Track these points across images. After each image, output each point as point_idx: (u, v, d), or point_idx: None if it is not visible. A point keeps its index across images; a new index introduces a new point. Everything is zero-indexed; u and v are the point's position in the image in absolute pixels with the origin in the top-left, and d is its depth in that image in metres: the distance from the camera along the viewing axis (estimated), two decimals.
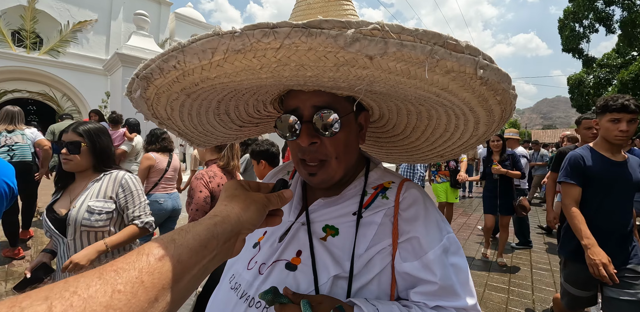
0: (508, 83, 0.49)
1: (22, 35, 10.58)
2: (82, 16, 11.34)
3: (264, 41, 0.40)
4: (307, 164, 0.70)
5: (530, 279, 3.82)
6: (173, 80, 0.52)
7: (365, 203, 0.72)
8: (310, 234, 0.70)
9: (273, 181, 0.93)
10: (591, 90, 18.83)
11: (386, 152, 1.00)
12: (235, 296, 0.68)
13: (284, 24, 0.39)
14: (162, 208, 3.23)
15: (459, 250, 0.67)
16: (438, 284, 0.60)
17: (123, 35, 11.87)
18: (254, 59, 0.44)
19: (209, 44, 0.43)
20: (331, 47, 0.41)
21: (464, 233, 5.56)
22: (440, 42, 0.41)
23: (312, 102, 0.66)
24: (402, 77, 0.47)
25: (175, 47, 0.46)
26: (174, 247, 0.38)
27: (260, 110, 0.86)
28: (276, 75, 0.49)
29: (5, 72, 9.81)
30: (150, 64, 0.51)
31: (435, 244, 0.64)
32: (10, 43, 10.08)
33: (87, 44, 11.57)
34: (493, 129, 0.65)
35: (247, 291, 0.67)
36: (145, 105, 0.63)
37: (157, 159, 3.29)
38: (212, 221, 0.44)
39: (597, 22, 18.13)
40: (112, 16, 11.95)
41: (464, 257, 0.67)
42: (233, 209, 0.48)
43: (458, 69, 0.44)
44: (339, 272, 0.63)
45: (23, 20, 10.38)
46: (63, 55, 10.89)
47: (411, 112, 0.74)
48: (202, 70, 0.48)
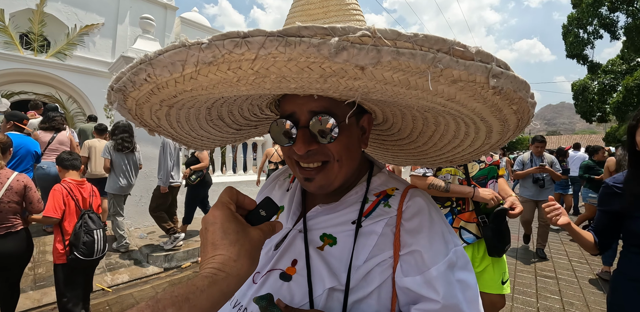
0: (526, 91, 0.44)
1: (30, 38, 10.71)
2: (89, 20, 11.46)
3: (236, 52, 0.36)
4: (304, 169, 0.65)
5: (535, 286, 3.76)
6: (149, 93, 0.48)
7: (366, 211, 0.68)
8: (307, 242, 0.67)
9: (273, 184, 0.91)
10: (596, 97, 18.73)
11: (392, 155, 0.95)
12: (229, 305, 0.66)
13: (256, 33, 0.35)
14: (46, 173, 4.34)
15: (467, 265, 0.62)
16: (441, 303, 0.56)
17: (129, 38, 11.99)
18: (229, 71, 0.39)
19: (177, 56, 0.39)
20: (314, 57, 0.36)
21: None
22: (444, 49, 0.36)
23: (309, 107, 0.61)
24: (401, 88, 0.42)
25: (143, 59, 0.42)
26: (188, 308, 0.38)
27: (257, 113, 0.81)
28: (256, 87, 0.44)
29: (13, 74, 9.93)
30: (121, 77, 0.47)
31: (439, 259, 0.59)
32: (18, 46, 10.21)
33: (93, 47, 11.69)
34: (508, 137, 0.59)
35: (240, 301, 0.65)
36: (130, 115, 0.59)
37: (40, 135, 4.58)
38: (225, 282, 0.43)
39: (601, 28, 18.09)
40: (118, 20, 12.07)
41: (472, 273, 0.62)
42: (243, 266, 0.46)
43: (467, 78, 0.39)
44: (334, 284, 0.60)
45: (31, 23, 10.51)
46: (70, 58, 11.00)
47: (417, 117, 0.69)
48: (176, 83, 0.44)
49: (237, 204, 0.55)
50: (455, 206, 2.10)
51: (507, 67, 0.40)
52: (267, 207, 0.55)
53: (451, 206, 2.11)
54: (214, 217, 0.50)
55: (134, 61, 0.44)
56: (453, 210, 2.11)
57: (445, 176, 2.12)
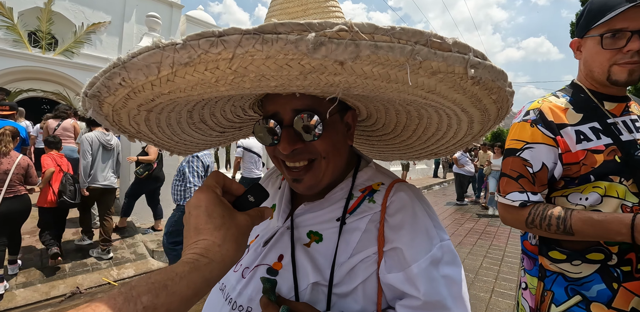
0: (504, 80, 0.45)
1: (38, 36, 10.83)
2: (96, 18, 11.57)
3: (212, 52, 0.35)
4: (291, 169, 0.65)
5: None
6: (125, 97, 0.47)
7: (351, 208, 0.68)
8: (293, 239, 0.68)
9: (267, 182, 0.90)
10: None
11: (378, 150, 0.95)
12: (222, 298, 0.68)
13: (231, 31, 0.35)
14: None
15: (453, 260, 0.61)
16: (421, 300, 0.56)
17: (135, 36, 12.08)
18: (206, 71, 0.39)
19: (152, 58, 0.38)
20: (292, 54, 0.35)
21: (471, 238, 5.48)
22: (422, 41, 0.36)
23: (292, 105, 0.60)
24: (381, 81, 0.42)
25: (116, 63, 0.41)
26: (166, 295, 0.35)
27: (240, 115, 0.79)
28: (236, 87, 0.43)
29: (21, 72, 10.06)
30: (95, 82, 0.45)
31: (420, 256, 0.59)
32: (26, 44, 10.34)
33: (100, 45, 11.79)
34: (489, 127, 0.61)
35: (230, 294, 0.66)
36: (107, 122, 0.56)
37: (49, 122, 5.32)
38: (208, 268, 0.40)
39: None
40: (125, 18, 12.17)
41: (459, 268, 0.61)
42: (228, 251, 0.43)
43: (446, 69, 0.39)
44: (318, 279, 0.61)
45: (39, 21, 10.63)
46: (77, 56, 11.11)
47: (399, 111, 0.70)
48: (152, 86, 0.42)
49: (224, 189, 0.52)
50: (615, 261, 0.96)
51: (485, 57, 0.41)
52: (255, 193, 0.53)
53: (605, 262, 0.97)
54: (198, 200, 0.47)
55: (106, 65, 0.42)
56: (610, 271, 0.96)
57: (590, 195, 0.99)
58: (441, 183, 13.96)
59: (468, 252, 4.87)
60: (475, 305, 3.25)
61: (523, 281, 1.20)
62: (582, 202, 1.00)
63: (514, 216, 1.06)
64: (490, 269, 4.18)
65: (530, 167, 1.06)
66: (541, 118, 1.08)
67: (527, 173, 1.06)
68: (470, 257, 4.66)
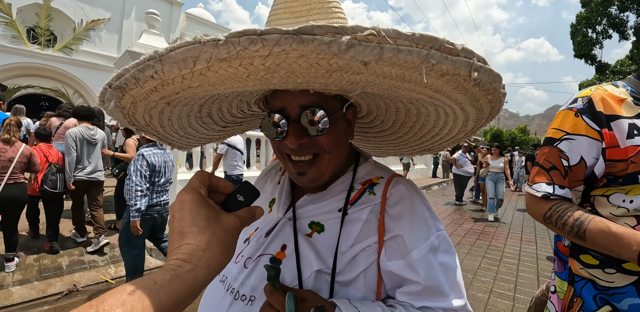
0: (499, 82, 0.50)
1: (37, 32, 10.78)
2: (96, 15, 11.53)
3: (250, 49, 0.38)
4: (296, 163, 0.67)
5: (537, 286, 3.76)
6: (151, 90, 0.48)
7: (352, 199, 0.71)
8: (296, 230, 0.70)
9: (265, 178, 0.93)
10: None
11: (373, 146, 1.00)
12: (222, 289, 0.69)
13: (273, 31, 0.37)
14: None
15: (449, 248, 0.66)
16: (422, 285, 0.59)
17: (135, 34, 12.03)
18: (240, 67, 0.41)
19: (190, 52, 0.40)
20: (324, 53, 0.39)
21: (469, 238, 5.49)
22: (436, 46, 0.41)
23: (299, 101, 0.63)
24: (397, 81, 0.46)
25: (152, 55, 0.42)
26: (142, 308, 0.32)
27: (244, 110, 0.83)
28: (264, 82, 0.47)
29: (20, 68, 10.02)
30: (124, 74, 0.46)
31: (420, 242, 0.62)
32: (25, 40, 10.29)
33: (99, 42, 11.75)
34: (481, 125, 0.66)
35: (233, 284, 0.68)
36: (121, 114, 0.58)
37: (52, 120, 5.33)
38: (192, 275, 0.37)
39: (610, 28, 17.83)
40: (124, 15, 12.13)
41: (454, 256, 0.65)
42: (214, 256, 0.41)
43: (453, 71, 0.44)
44: (322, 267, 0.63)
45: (38, 18, 10.58)
46: (76, 52, 11.08)
47: (400, 109, 0.74)
48: (183, 79, 0.44)
49: (211, 189, 0.50)
50: None
51: (485, 61, 0.46)
52: (245, 192, 0.51)
53: None
54: (182, 202, 0.45)
55: (141, 58, 0.44)
56: None
57: (636, 198, 0.86)
58: (440, 183, 13.99)
59: (467, 253, 4.87)
60: (474, 305, 3.25)
61: (552, 284, 1.12)
62: (626, 205, 0.88)
63: (535, 207, 1.01)
64: (489, 270, 4.19)
65: (566, 160, 0.97)
66: (589, 108, 0.95)
67: (561, 165, 0.98)
68: (469, 258, 4.67)
